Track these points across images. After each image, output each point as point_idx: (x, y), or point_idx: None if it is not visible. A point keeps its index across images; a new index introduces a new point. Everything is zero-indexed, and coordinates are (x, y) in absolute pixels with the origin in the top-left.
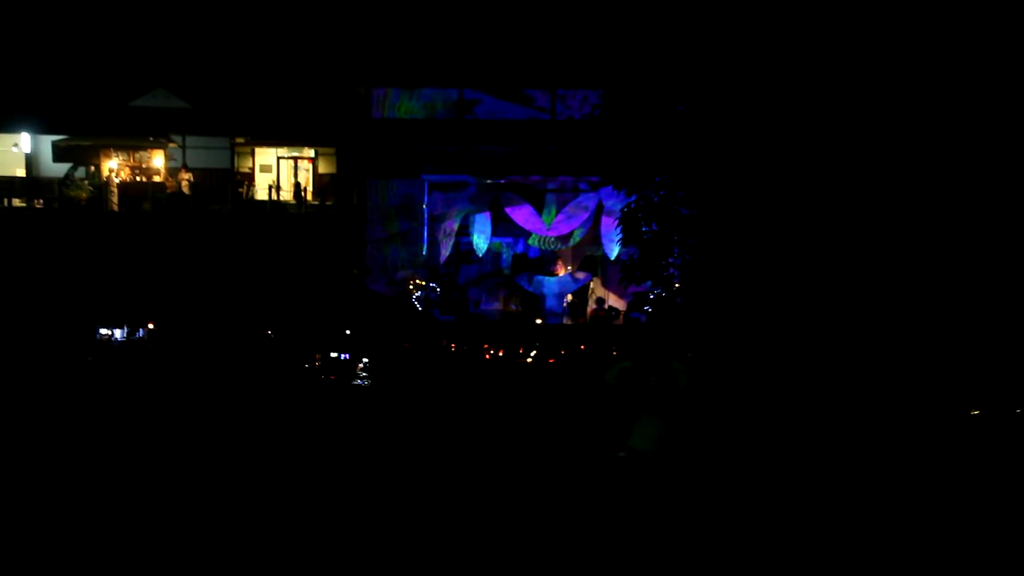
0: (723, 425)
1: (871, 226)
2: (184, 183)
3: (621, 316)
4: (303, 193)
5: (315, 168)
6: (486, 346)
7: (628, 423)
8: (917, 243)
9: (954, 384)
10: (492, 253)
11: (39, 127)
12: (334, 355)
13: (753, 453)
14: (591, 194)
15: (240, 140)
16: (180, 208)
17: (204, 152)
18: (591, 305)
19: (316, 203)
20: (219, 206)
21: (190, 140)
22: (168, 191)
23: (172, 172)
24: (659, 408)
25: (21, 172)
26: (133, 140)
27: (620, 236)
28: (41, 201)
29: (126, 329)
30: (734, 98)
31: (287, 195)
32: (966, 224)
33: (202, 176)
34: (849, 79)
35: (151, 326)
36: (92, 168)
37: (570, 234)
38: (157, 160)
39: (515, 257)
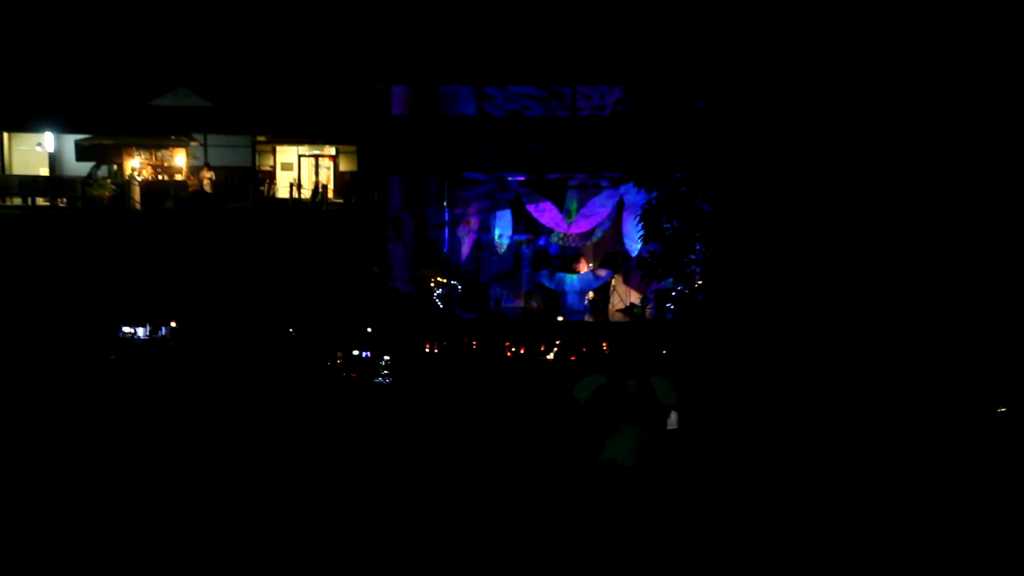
0: (734, 431)
1: (902, 222)
2: (206, 181)
3: (646, 311)
4: (324, 191)
5: (336, 166)
6: (507, 344)
7: (603, 435)
8: (955, 240)
9: (986, 381)
10: (513, 250)
11: (62, 126)
12: (355, 353)
13: (768, 462)
14: (612, 191)
15: (261, 138)
16: (202, 206)
17: (225, 150)
18: (614, 302)
19: (340, 201)
20: (240, 204)
21: (211, 139)
22: (190, 189)
23: (194, 170)
24: (641, 419)
25: (45, 171)
26: (155, 139)
27: (641, 233)
28: (64, 200)
29: (148, 327)
30: (754, 95)
31: (308, 193)
32: (1004, 222)
33: (224, 174)
34: (876, 75)
35: (173, 324)
36: (115, 167)
37: (591, 231)
38: (179, 159)
39: (536, 254)
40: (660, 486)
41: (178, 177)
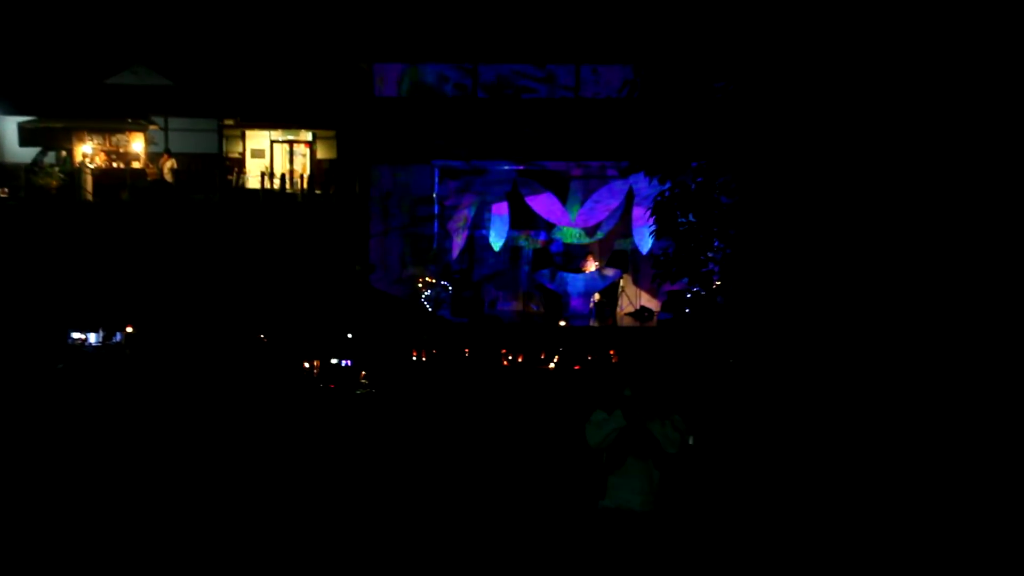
0: (758, 455)
1: (954, 213)
2: (166, 170)
3: (654, 317)
4: (301, 181)
5: (313, 153)
6: (503, 351)
7: (605, 473)
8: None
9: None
10: (510, 247)
11: (3, 107)
12: (334, 361)
13: (799, 495)
14: (620, 181)
15: (229, 122)
16: (162, 198)
17: (188, 135)
18: (622, 305)
19: (319, 193)
20: (205, 195)
21: (173, 122)
22: (148, 179)
23: (153, 158)
24: (651, 451)
25: None
26: (109, 122)
27: (653, 228)
28: (6, 190)
29: (101, 333)
30: (781, 73)
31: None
32: None
33: (186, 162)
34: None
35: (129, 329)
36: (63, 153)
37: (597, 226)
38: (136, 144)
39: (535, 252)
40: (677, 534)
41: (135, 165)
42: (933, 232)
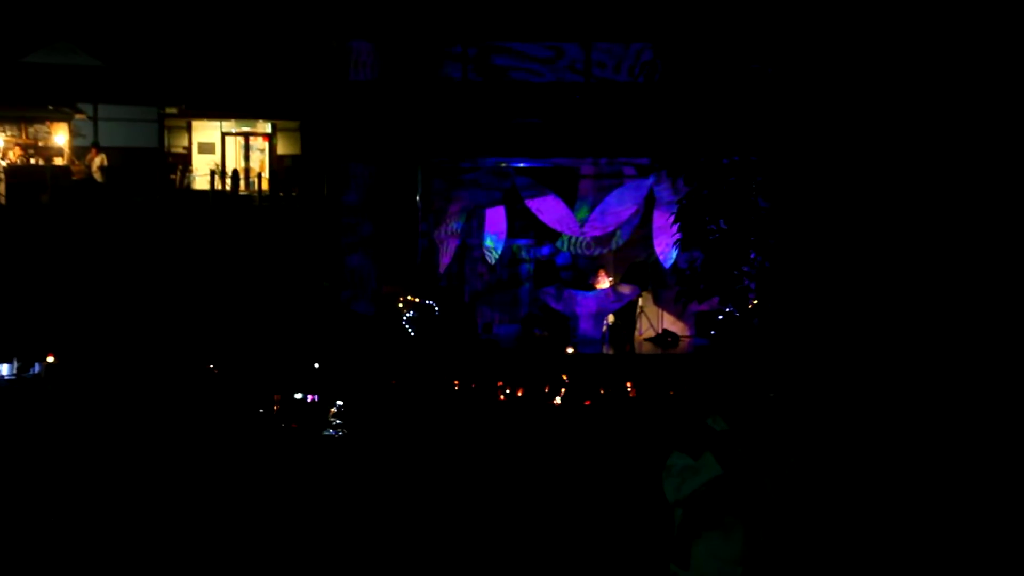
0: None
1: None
2: (95, 167)
3: (680, 343)
4: (258, 181)
5: (272, 148)
6: (500, 383)
7: (689, 536)
8: None
9: None
10: (507, 260)
11: None
12: (298, 396)
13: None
14: (639, 181)
15: (172, 110)
16: (90, 201)
17: (123, 127)
18: (642, 328)
19: (281, 195)
20: (143, 198)
21: (103, 110)
22: (74, 177)
23: (79, 153)
24: (741, 509)
25: None
26: (26, 110)
27: (678, 236)
28: None
29: (15, 363)
30: (833, 50)
31: (243, 184)
32: None
33: (120, 158)
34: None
35: (51, 359)
36: None
37: (611, 234)
38: (59, 137)
39: (538, 265)
40: None
41: (58, 161)
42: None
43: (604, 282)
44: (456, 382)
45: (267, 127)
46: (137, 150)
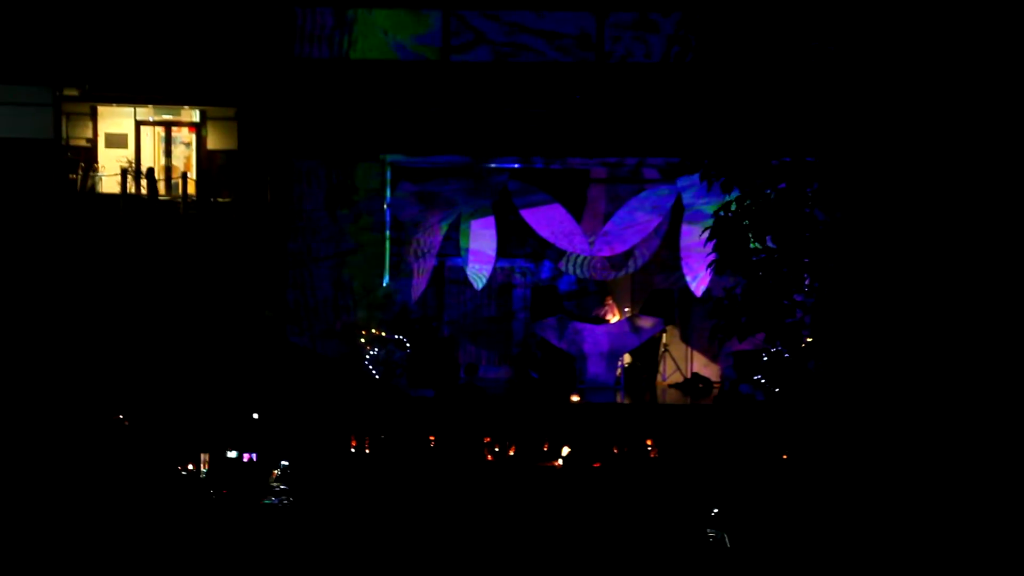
0: None
1: None
2: None
3: (713, 391)
4: (183, 182)
5: (201, 141)
6: (487, 439)
7: None
8: None
9: None
10: (497, 285)
11: None
12: (232, 455)
13: None
14: (664, 186)
15: (72, 92)
16: None
17: (7, 112)
18: (666, 371)
19: (213, 200)
20: (34, 202)
21: None
22: None
23: None
24: None
25: None
26: None
27: (712, 257)
28: None
29: None
30: (919, 24)
31: (160, 185)
32: None
33: (2, 152)
34: None
35: None
36: None
37: (628, 253)
38: None
39: (535, 291)
40: None
41: None
42: None
43: (617, 313)
44: (432, 437)
45: (194, 115)
46: (25, 142)
